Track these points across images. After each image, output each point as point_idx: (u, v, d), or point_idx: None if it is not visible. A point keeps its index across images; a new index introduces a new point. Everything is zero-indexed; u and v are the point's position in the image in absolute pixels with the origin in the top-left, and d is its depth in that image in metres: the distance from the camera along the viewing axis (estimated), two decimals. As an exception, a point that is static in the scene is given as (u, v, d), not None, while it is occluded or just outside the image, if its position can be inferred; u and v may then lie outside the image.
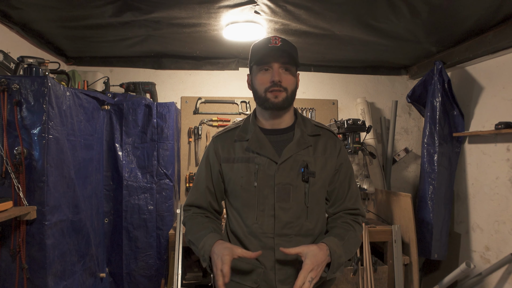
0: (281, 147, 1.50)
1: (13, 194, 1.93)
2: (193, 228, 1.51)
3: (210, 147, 1.62)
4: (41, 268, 1.97)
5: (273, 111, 1.49)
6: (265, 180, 1.46)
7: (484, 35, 2.81)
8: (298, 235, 1.47)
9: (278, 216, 1.45)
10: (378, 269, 2.88)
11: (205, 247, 1.39)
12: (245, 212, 1.50)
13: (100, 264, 2.76)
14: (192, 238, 1.48)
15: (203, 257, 1.39)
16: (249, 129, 1.54)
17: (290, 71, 1.47)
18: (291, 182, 1.47)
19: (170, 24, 2.71)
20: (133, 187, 2.90)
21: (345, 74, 3.96)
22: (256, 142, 1.50)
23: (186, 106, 3.71)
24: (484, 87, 3.08)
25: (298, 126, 1.56)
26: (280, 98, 1.45)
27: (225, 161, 1.54)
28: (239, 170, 1.50)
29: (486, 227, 3.03)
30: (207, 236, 1.42)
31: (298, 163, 1.49)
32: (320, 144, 1.55)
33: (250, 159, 1.49)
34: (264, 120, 1.56)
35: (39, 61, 2.26)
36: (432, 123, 3.25)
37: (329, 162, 1.54)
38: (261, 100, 1.48)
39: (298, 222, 1.47)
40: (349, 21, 2.61)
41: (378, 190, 3.57)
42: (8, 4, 2.30)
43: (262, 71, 1.46)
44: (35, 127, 1.96)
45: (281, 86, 1.44)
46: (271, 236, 1.45)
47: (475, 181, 3.18)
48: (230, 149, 1.55)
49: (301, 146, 1.50)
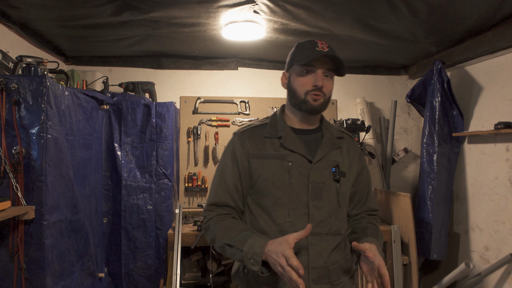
0: (311, 147, 1.51)
1: (11, 194, 1.92)
2: (228, 230, 1.40)
3: (236, 142, 1.53)
4: (40, 268, 1.96)
5: (308, 113, 1.50)
6: (299, 178, 1.45)
7: (484, 35, 2.81)
8: (329, 234, 1.48)
9: (312, 215, 1.44)
10: (377, 269, 2.87)
11: (254, 249, 1.28)
12: (275, 210, 1.45)
13: (99, 264, 2.75)
14: (229, 241, 1.37)
15: (252, 260, 1.28)
16: (279, 127, 1.53)
17: (331, 78, 1.49)
18: (325, 181, 1.48)
19: (169, 23, 2.71)
20: (132, 187, 2.89)
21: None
22: (289, 140, 1.49)
23: (185, 106, 3.70)
24: (483, 87, 3.08)
25: (325, 128, 1.59)
26: (319, 103, 1.46)
27: (255, 157, 1.49)
28: (271, 166, 1.47)
29: (486, 227, 3.03)
30: (252, 238, 1.32)
31: (330, 163, 1.51)
32: (345, 147, 1.60)
33: (283, 156, 1.47)
34: (294, 120, 1.56)
35: (37, 60, 2.26)
36: (432, 123, 3.25)
37: (353, 164, 1.59)
38: (299, 101, 1.48)
39: (329, 221, 1.48)
40: (348, 20, 2.61)
41: (377, 190, 3.57)
42: (7, 3, 2.29)
43: (304, 73, 1.46)
44: (33, 126, 1.96)
45: (322, 91, 1.45)
46: None
47: (474, 181, 3.18)
48: (259, 145, 1.51)
49: (332, 147, 1.54)
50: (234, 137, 1.57)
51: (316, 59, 1.42)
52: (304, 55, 1.44)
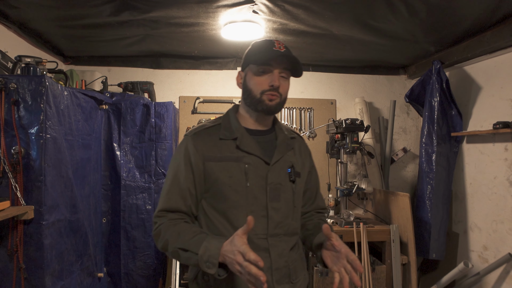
0: (267, 148, 1.50)
1: (10, 194, 1.92)
2: (181, 234, 1.32)
3: (189, 144, 1.45)
4: (39, 268, 1.96)
5: (263, 114, 1.48)
6: (256, 180, 1.44)
7: (482, 35, 2.82)
8: (287, 235, 1.48)
9: (271, 217, 1.43)
10: (376, 269, 2.88)
11: (210, 251, 1.22)
12: (233, 214, 1.41)
13: (98, 264, 2.75)
14: (184, 245, 1.29)
15: (208, 262, 1.21)
16: (234, 128, 1.49)
17: (287, 79, 1.48)
18: (281, 182, 1.47)
19: (168, 23, 2.71)
20: (131, 186, 2.89)
21: (343, 74, 3.97)
22: (245, 141, 1.46)
23: (184, 106, 3.70)
24: (482, 86, 3.09)
25: (279, 129, 1.58)
26: (274, 103, 1.44)
27: (210, 160, 1.43)
28: (228, 169, 1.42)
29: (484, 226, 3.03)
30: (207, 240, 1.25)
31: (286, 164, 1.50)
32: (297, 147, 1.61)
33: (239, 158, 1.43)
34: (248, 120, 1.53)
35: (36, 60, 2.26)
36: (430, 123, 3.25)
37: (305, 164, 1.61)
38: (254, 101, 1.45)
39: (286, 222, 1.48)
40: (347, 20, 2.61)
41: (376, 189, 3.57)
42: (5, 3, 2.29)
43: (260, 73, 1.44)
44: (32, 126, 1.96)
45: (278, 92, 1.43)
46: (264, 237, 1.42)
47: (473, 181, 3.18)
48: (214, 147, 1.45)
49: (287, 148, 1.54)
50: (186, 138, 1.49)
51: (273, 59, 1.41)
52: (261, 54, 1.43)
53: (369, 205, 3.64)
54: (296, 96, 3.87)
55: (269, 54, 1.41)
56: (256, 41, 1.51)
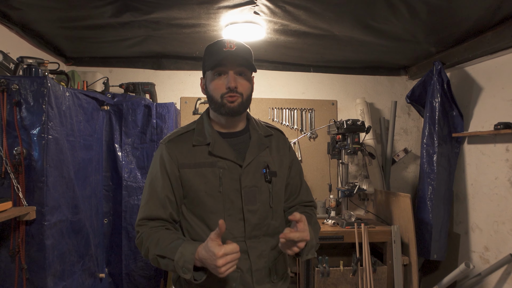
0: (240, 150, 1.50)
1: (12, 195, 1.93)
2: (160, 241, 1.34)
3: (164, 152, 1.48)
4: (41, 268, 1.96)
5: (229, 116, 1.47)
6: (231, 184, 1.44)
7: (483, 35, 2.82)
8: (266, 235, 1.48)
9: (248, 219, 1.44)
10: (378, 270, 2.88)
11: (185, 257, 1.25)
12: (210, 219, 1.43)
13: (100, 265, 2.76)
14: (161, 252, 1.31)
15: (184, 268, 1.24)
16: (206, 133, 1.49)
17: (245, 76, 1.46)
18: (256, 184, 1.47)
19: (169, 24, 2.72)
20: (132, 187, 2.90)
21: (344, 75, 3.97)
22: (218, 146, 1.46)
23: (185, 107, 3.71)
24: (483, 87, 3.09)
25: (252, 129, 1.57)
26: (236, 103, 1.43)
27: (185, 167, 1.45)
28: (202, 175, 1.44)
29: (485, 227, 3.03)
30: (183, 246, 1.28)
31: (260, 164, 1.50)
32: (274, 144, 1.60)
33: (213, 163, 1.44)
34: (219, 124, 1.53)
35: (38, 61, 2.26)
36: (432, 124, 3.25)
37: (284, 160, 1.60)
38: (217, 105, 1.45)
39: (265, 223, 1.48)
40: (348, 21, 2.62)
41: (377, 190, 3.57)
42: (7, 4, 2.30)
43: (217, 76, 1.44)
44: (34, 127, 1.96)
45: (237, 92, 1.42)
46: (242, 240, 1.43)
47: (474, 182, 3.18)
48: (188, 153, 1.46)
49: (260, 148, 1.53)
50: (161, 146, 1.51)
51: (225, 60, 1.40)
52: (213, 58, 1.42)
53: (370, 206, 3.64)
54: (297, 97, 3.87)
55: (220, 56, 1.40)
56: (209, 44, 1.50)
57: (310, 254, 1.45)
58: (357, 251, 2.88)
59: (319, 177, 3.80)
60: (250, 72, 1.49)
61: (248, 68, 1.45)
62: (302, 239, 1.28)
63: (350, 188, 3.14)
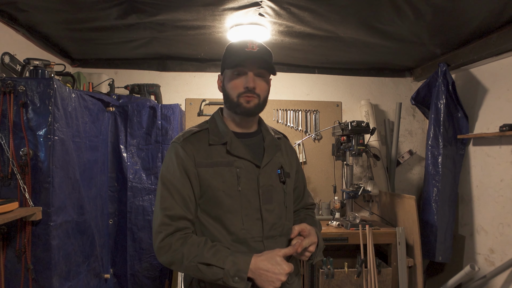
0: (255, 150, 1.51)
1: (18, 195, 1.94)
2: (200, 249, 1.31)
3: (179, 150, 1.43)
4: (46, 268, 1.98)
5: (243, 116, 1.48)
6: (248, 184, 1.44)
7: (489, 37, 2.81)
8: (282, 235, 1.49)
9: (265, 219, 1.44)
10: (382, 271, 2.87)
11: (238, 266, 1.25)
12: (228, 219, 1.41)
13: (105, 265, 2.77)
14: (207, 260, 1.28)
15: (236, 277, 1.24)
16: (222, 132, 1.49)
17: (264, 78, 1.47)
18: (273, 183, 1.49)
19: (174, 26, 2.73)
20: (137, 188, 2.91)
21: (349, 76, 3.97)
22: (234, 146, 1.46)
23: (190, 108, 3.72)
24: (488, 89, 3.08)
25: (265, 130, 1.59)
26: (252, 104, 1.44)
27: (202, 166, 1.42)
28: (220, 174, 1.42)
29: (491, 229, 3.02)
30: (234, 255, 1.28)
31: (276, 165, 1.53)
32: (283, 147, 1.63)
33: (230, 162, 1.44)
34: (233, 123, 1.53)
35: (45, 63, 2.28)
36: (437, 125, 3.25)
37: (292, 163, 1.64)
38: (233, 104, 1.46)
39: (280, 223, 1.49)
40: (353, 23, 2.62)
41: (382, 192, 3.56)
42: (14, 6, 2.32)
43: (235, 76, 1.44)
44: (40, 128, 1.98)
45: (255, 93, 1.43)
46: (260, 240, 1.43)
47: (479, 183, 3.17)
48: (205, 153, 1.44)
49: (276, 149, 1.55)
50: (174, 145, 1.46)
51: (246, 60, 1.41)
52: (234, 57, 1.43)
53: (375, 208, 3.64)
54: (301, 98, 3.87)
55: (241, 56, 1.41)
56: (231, 43, 1.51)
57: (318, 256, 1.50)
58: (362, 252, 2.88)
59: (324, 178, 3.80)
60: (269, 75, 1.50)
61: (268, 70, 1.47)
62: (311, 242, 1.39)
63: (354, 189, 3.13)
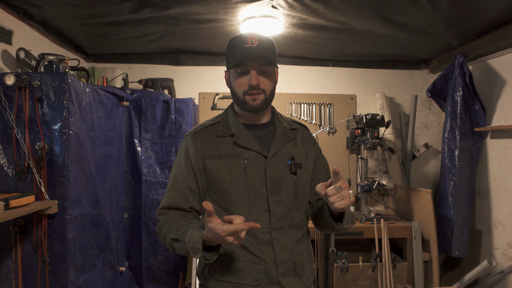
0: (265, 141, 1.50)
1: (35, 189, 1.97)
2: (175, 227, 1.34)
3: (189, 144, 1.49)
4: (63, 261, 2.01)
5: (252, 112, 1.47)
6: (256, 175, 1.44)
7: (507, 27, 2.75)
8: (291, 227, 1.48)
9: (273, 210, 1.44)
10: (397, 266, 2.85)
11: (194, 237, 1.24)
12: (236, 210, 1.43)
13: (120, 258, 2.80)
14: (175, 235, 1.31)
15: (194, 248, 1.23)
16: (231, 124, 1.51)
17: (267, 72, 1.45)
18: (281, 175, 1.47)
19: (187, 20, 2.73)
20: (151, 182, 2.93)
21: (363, 69, 3.92)
22: (242, 137, 1.47)
23: (204, 102, 3.72)
24: (506, 80, 3.01)
25: (277, 121, 1.58)
26: (259, 101, 1.44)
27: (210, 158, 1.46)
28: (227, 166, 1.45)
29: (509, 223, 2.97)
30: (193, 228, 1.27)
31: (286, 156, 1.50)
32: (299, 137, 1.60)
33: (238, 154, 1.45)
34: (244, 116, 1.53)
35: (59, 58, 2.30)
36: (453, 118, 3.19)
37: (309, 154, 1.60)
38: (240, 102, 1.46)
39: (290, 214, 1.48)
40: (367, 14, 2.58)
41: (397, 186, 3.53)
42: (29, 2, 2.34)
43: (239, 74, 1.44)
44: (56, 122, 2.00)
45: (259, 89, 1.42)
46: (267, 231, 1.44)
47: (497, 177, 3.11)
48: (213, 145, 1.48)
49: (286, 140, 1.53)
50: (186, 138, 1.52)
51: (246, 57, 1.39)
52: (235, 55, 1.42)
53: (390, 202, 3.60)
54: (315, 91, 3.84)
55: (242, 54, 1.40)
56: (231, 39, 1.49)
57: (350, 222, 1.43)
58: (377, 247, 2.86)
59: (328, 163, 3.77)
60: (273, 67, 1.48)
61: (270, 65, 1.45)
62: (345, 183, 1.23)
63: (369, 183, 3.11)
